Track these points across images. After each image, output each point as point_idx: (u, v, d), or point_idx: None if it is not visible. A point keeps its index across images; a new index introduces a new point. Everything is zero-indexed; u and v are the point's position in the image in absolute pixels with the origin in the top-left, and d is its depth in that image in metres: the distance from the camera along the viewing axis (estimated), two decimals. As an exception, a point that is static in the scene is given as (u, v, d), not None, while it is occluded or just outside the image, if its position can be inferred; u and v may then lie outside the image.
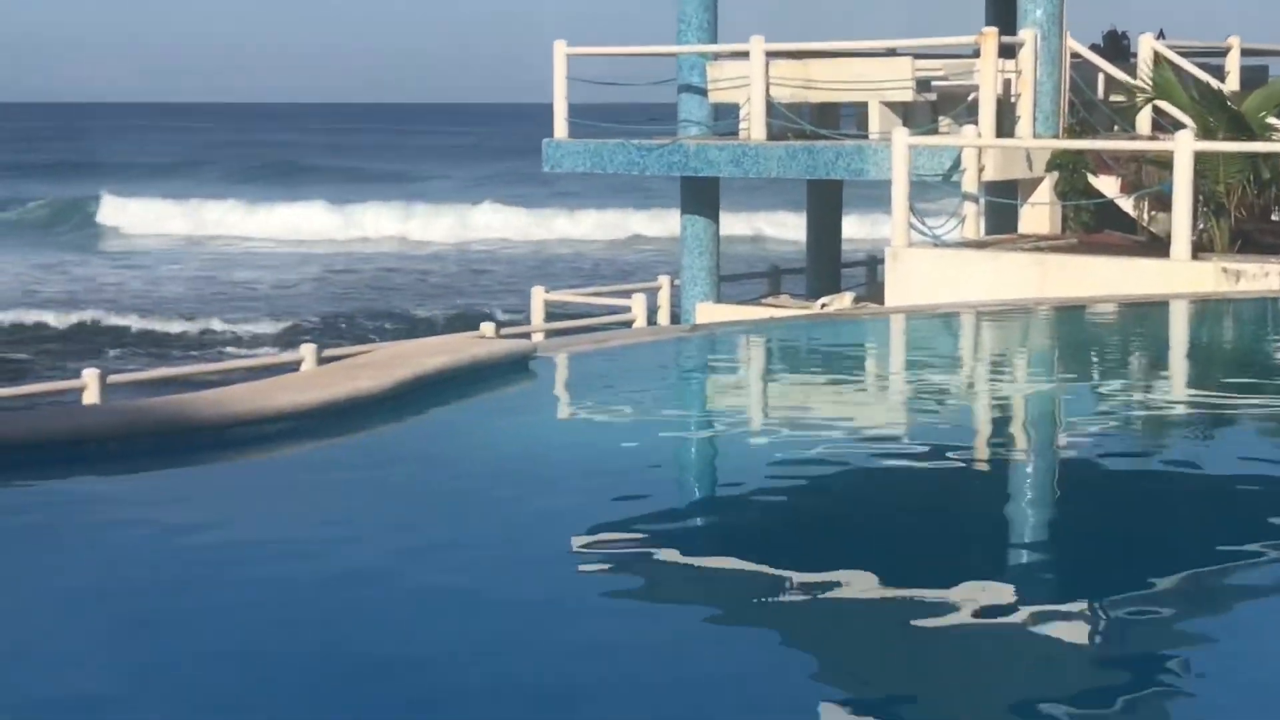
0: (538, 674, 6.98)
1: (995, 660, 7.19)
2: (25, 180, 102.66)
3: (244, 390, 12.19)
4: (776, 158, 22.59)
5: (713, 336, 17.76)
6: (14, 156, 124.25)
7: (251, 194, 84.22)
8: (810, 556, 8.68)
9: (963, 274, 19.83)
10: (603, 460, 11.40)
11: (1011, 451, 12.25)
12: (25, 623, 7.57)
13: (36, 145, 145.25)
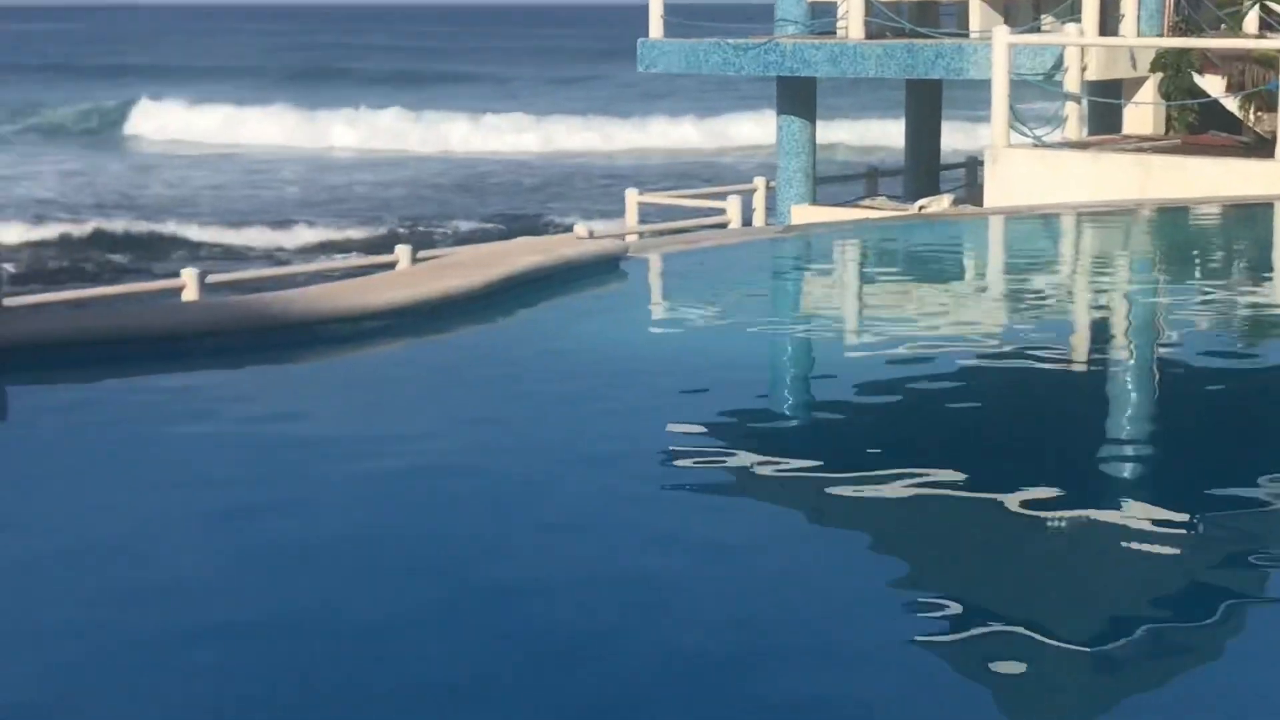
0: (616, 565, 7.13)
1: (1084, 566, 7.21)
2: (71, 83, 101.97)
3: (339, 288, 12.32)
4: (874, 57, 22.44)
5: (808, 238, 17.75)
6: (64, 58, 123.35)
7: (324, 99, 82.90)
8: (899, 459, 8.66)
9: (1064, 175, 19.67)
10: (692, 360, 11.46)
11: (1111, 356, 12.18)
12: (128, 514, 7.72)
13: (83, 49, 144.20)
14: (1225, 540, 7.39)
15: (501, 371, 11.01)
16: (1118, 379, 11.32)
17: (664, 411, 9.78)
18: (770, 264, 15.71)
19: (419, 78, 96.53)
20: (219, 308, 12.37)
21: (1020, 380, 10.93)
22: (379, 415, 9.80)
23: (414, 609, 6.51)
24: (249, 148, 72.43)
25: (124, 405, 9.99)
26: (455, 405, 10.03)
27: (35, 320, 11.34)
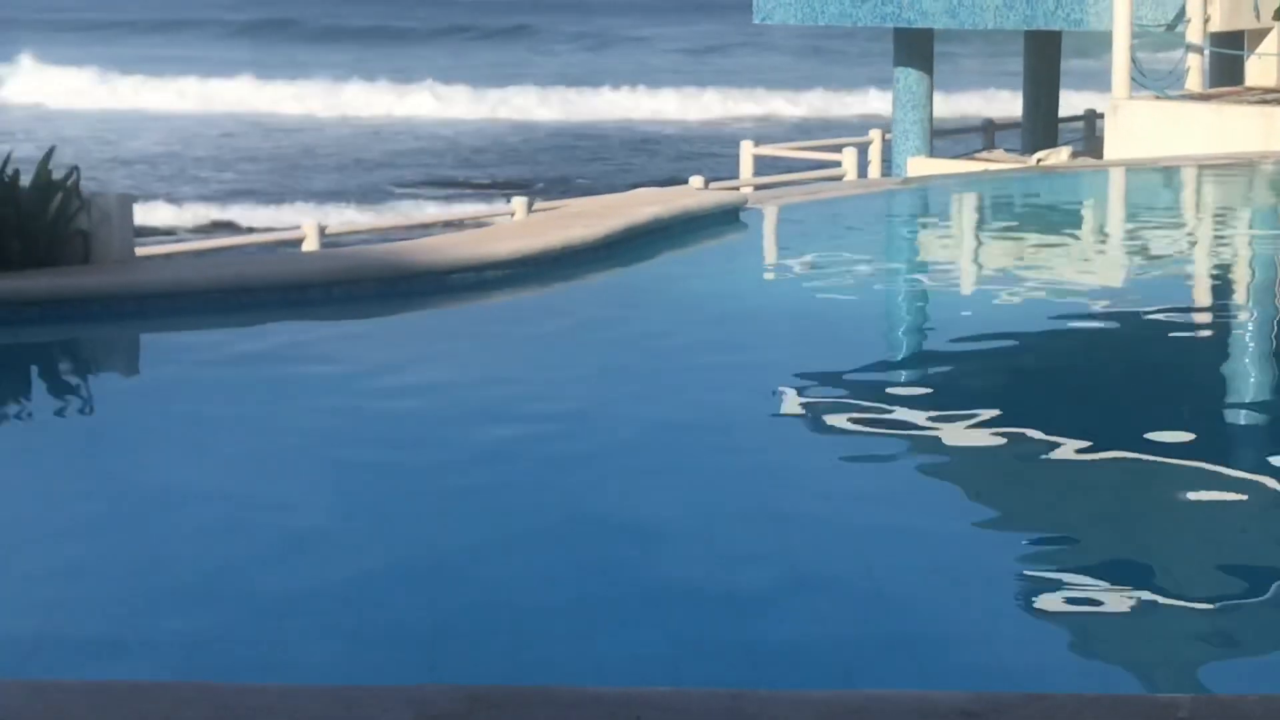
0: (733, 501, 7.29)
1: (1193, 515, 7.23)
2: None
3: (464, 238, 12.46)
4: (993, 7, 22.36)
5: (925, 190, 17.75)
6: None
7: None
8: (1016, 410, 8.72)
9: (1186, 127, 19.50)
10: (810, 309, 11.53)
11: (1233, 309, 12.12)
12: (258, 456, 7.93)
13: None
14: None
15: (621, 321, 11.17)
16: (1240, 334, 11.27)
17: (779, 362, 9.86)
18: (889, 215, 15.73)
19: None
20: (343, 257, 12.54)
21: (1147, 339, 10.90)
22: (501, 371, 9.92)
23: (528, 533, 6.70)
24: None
25: (255, 354, 10.15)
26: (570, 358, 10.18)
27: (166, 269, 11.57)
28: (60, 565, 6.60)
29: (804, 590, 6.27)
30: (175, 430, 8.64)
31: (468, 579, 6.41)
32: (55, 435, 8.86)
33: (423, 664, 5.57)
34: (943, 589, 6.33)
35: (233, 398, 9.25)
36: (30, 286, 10.29)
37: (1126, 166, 18.30)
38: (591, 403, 9.01)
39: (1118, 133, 19.85)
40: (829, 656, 5.62)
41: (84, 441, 8.68)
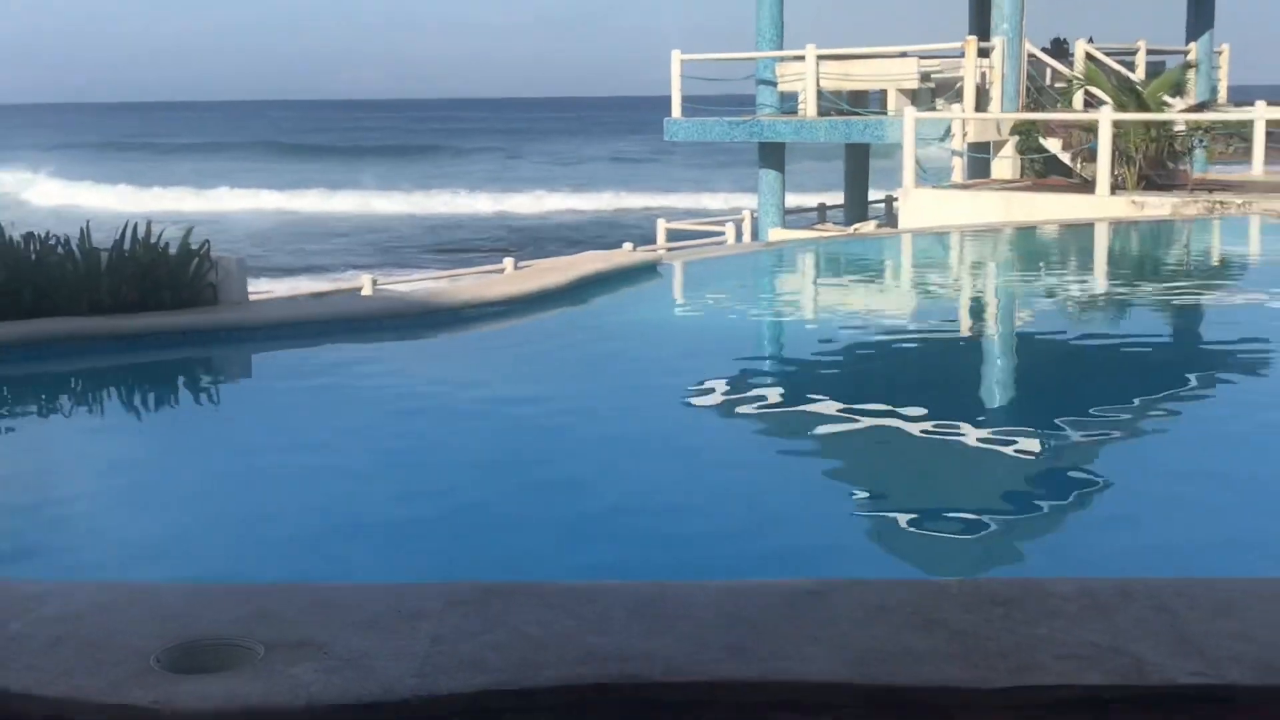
0: (654, 459, 7.31)
1: (971, 467, 7.34)
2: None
3: (470, 284, 12.49)
4: (824, 128, 22.51)
5: (780, 250, 17.87)
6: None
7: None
8: (848, 400, 8.81)
9: (952, 206, 19.72)
10: (706, 333, 11.59)
11: (986, 326, 12.31)
12: (325, 461, 7.77)
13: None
14: (1058, 451, 7.57)
15: (576, 343, 11.18)
16: (987, 346, 11.44)
17: (688, 372, 9.88)
18: (755, 268, 15.84)
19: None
20: (389, 299, 12.56)
21: (921, 345, 11.08)
22: (497, 375, 9.94)
23: (512, 494, 6.76)
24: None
25: (328, 368, 10.13)
26: (546, 367, 10.15)
27: (270, 308, 11.56)
28: (237, 497, 6.67)
29: (703, 517, 6.36)
30: (279, 415, 8.66)
31: (474, 515, 6.42)
32: (200, 418, 8.87)
33: (447, 565, 5.61)
34: (799, 515, 6.43)
35: (317, 393, 9.24)
36: (178, 321, 10.26)
37: (914, 233, 18.47)
38: (559, 394, 9.06)
39: (908, 210, 20.01)
40: (724, 561, 5.67)
41: (220, 421, 8.70)
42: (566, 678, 3.59)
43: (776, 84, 24.13)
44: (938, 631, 3.83)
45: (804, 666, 3.63)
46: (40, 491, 6.97)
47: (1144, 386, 9.10)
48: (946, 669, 3.61)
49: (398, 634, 3.88)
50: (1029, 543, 6.03)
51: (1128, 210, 18.61)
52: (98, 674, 3.67)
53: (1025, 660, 3.66)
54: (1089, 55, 23.39)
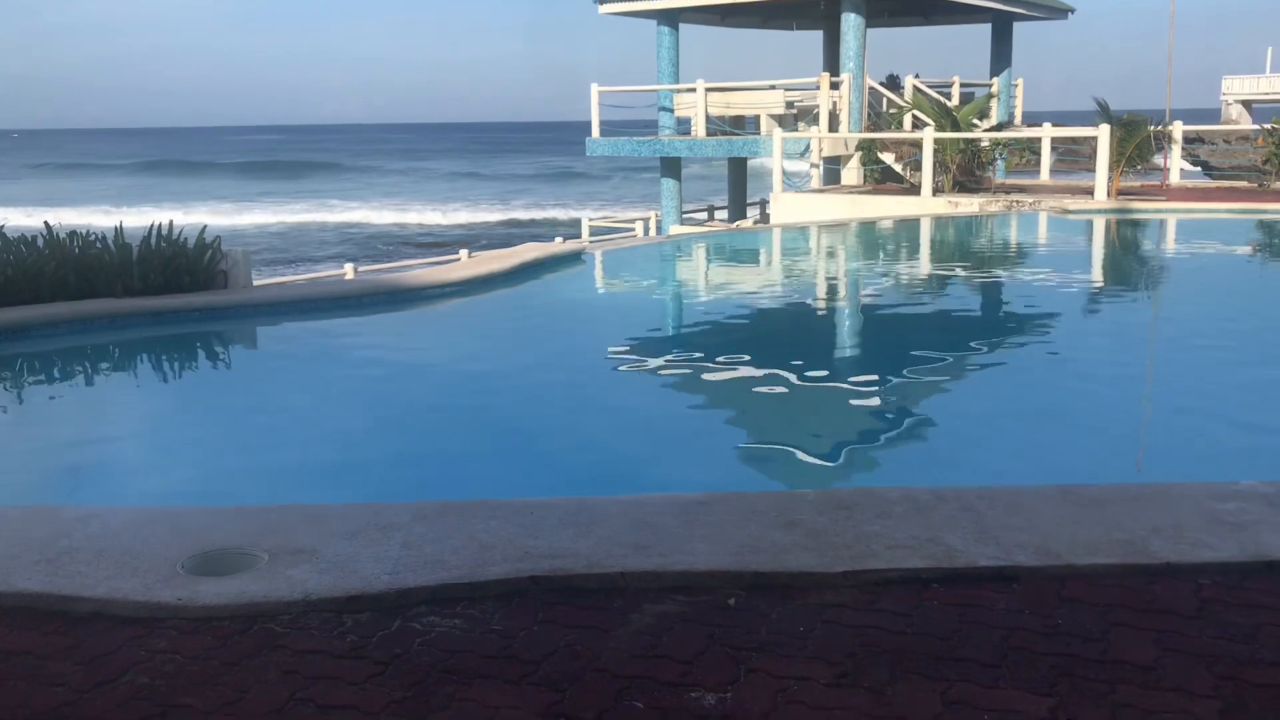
0: (586, 424, 7.26)
1: (824, 406, 7.40)
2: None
3: (433, 270, 12.31)
4: (711, 145, 22.46)
5: (678, 242, 17.83)
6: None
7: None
8: (732, 358, 8.84)
9: (810, 207, 19.81)
10: (621, 307, 11.56)
11: (836, 299, 12.33)
12: (317, 409, 7.68)
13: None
14: (890, 393, 7.67)
15: (518, 315, 11.09)
16: (837, 313, 11.48)
17: (606, 336, 9.87)
18: (660, 255, 15.83)
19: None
20: (367, 281, 12.38)
21: (787, 313, 11.13)
22: (456, 340, 9.89)
23: (477, 438, 6.73)
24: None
25: (319, 336, 9.97)
26: (494, 334, 10.07)
27: (270, 291, 11.34)
28: (254, 439, 6.54)
29: (615, 448, 6.38)
30: (278, 373, 8.52)
31: (436, 448, 6.39)
32: (213, 377, 8.70)
33: (416, 488, 5.54)
34: (691, 445, 6.45)
35: (309, 357, 9.12)
36: (195, 301, 10.02)
37: (782, 227, 18.54)
38: (504, 354, 9.00)
39: (777, 209, 20.06)
40: (630, 481, 5.71)
41: (230, 379, 8.54)
42: (509, 572, 3.60)
43: (674, 110, 24.05)
44: (797, 530, 3.89)
45: (694, 559, 3.67)
46: (85, 436, 6.81)
47: (957, 344, 9.24)
48: (803, 557, 3.67)
49: (375, 541, 3.86)
50: (866, 463, 6.11)
51: (946, 208, 18.84)
52: (133, 578, 3.62)
53: (862, 550, 3.72)
54: (916, 88, 23.58)
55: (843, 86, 22.01)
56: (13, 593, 3.54)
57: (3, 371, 8.49)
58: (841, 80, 22.07)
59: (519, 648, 3.18)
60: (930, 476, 5.63)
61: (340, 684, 3.01)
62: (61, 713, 2.89)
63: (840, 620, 3.31)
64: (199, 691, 2.99)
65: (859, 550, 3.71)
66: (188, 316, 9.83)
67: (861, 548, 3.73)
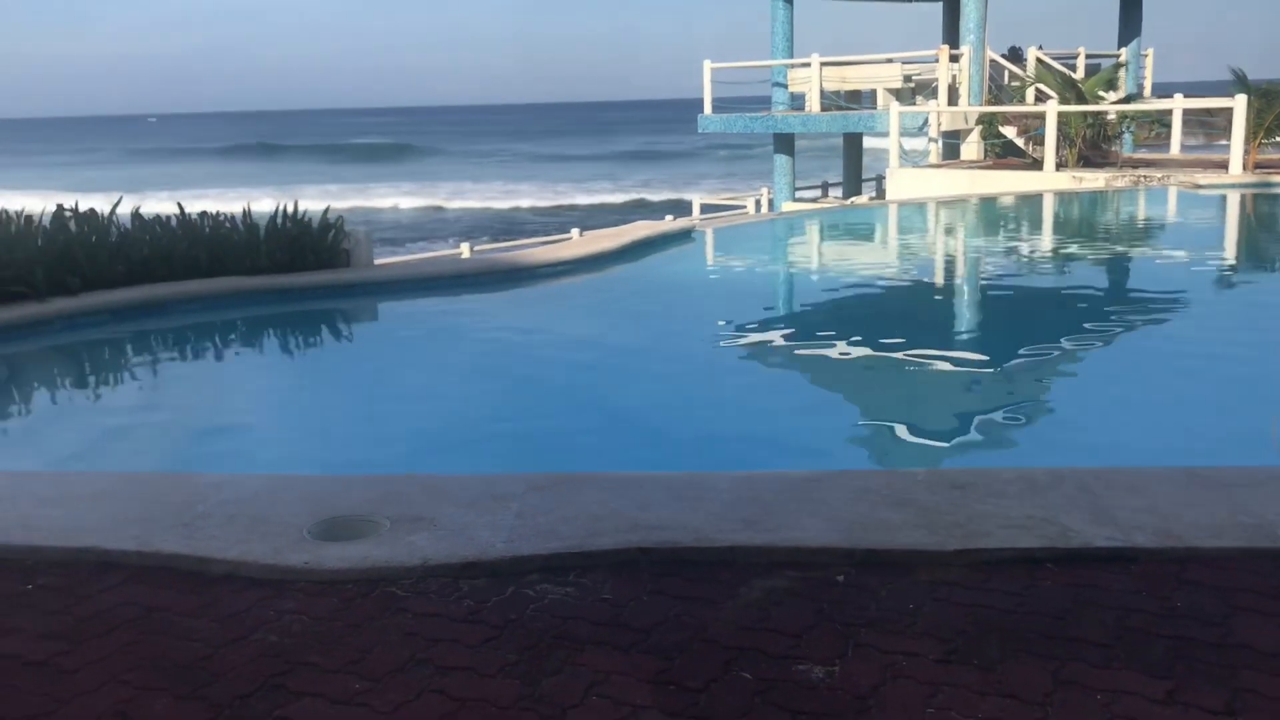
0: (692, 387, 7.26)
1: (940, 385, 7.30)
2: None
3: (546, 249, 12.48)
4: (826, 120, 22.21)
5: (791, 219, 17.70)
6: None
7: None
8: (844, 334, 8.77)
9: (929, 182, 19.44)
10: (732, 284, 11.52)
11: (953, 276, 12.10)
12: (434, 382, 7.87)
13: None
14: (1009, 372, 7.51)
15: (628, 292, 11.13)
16: (954, 290, 11.27)
17: (716, 313, 9.85)
18: (772, 234, 15.73)
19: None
20: (484, 259, 12.59)
21: (902, 290, 10.95)
22: (567, 317, 9.97)
23: (585, 415, 6.81)
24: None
25: (436, 312, 10.17)
26: (605, 311, 10.14)
27: (391, 269, 11.61)
28: (372, 411, 6.74)
29: (725, 424, 6.39)
30: (398, 348, 8.70)
31: (549, 423, 6.48)
32: (337, 351, 8.97)
33: (529, 460, 5.64)
34: (803, 422, 6.43)
35: (427, 332, 9.32)
36: (320, 279, 10.35)
37: (899, 204, 18.25)
38: (616, 333, 9.06)
39: (894, 186, 19.75)
40: (741, 457, 5.71)
41: (352, 353, 8.79)
42: (619, 543, 3.66)
43: (788, 86, 23.82)
44: (908, 508, 3.87)
45: (803, 534, 3.68)
46: (218, 406, 7.11)
47: (1079, 323, 8.99)
48: (914, 535, 3.65)
49: (491, 511, 3.97)
50: (982, 441, 6.02)
51: (1069, 184, 18.29)
52: (263, 542, 3.79)
53: (975, 529, 3.69)
54: (1039, 59, 22.89)
55: (962, 59, 21.53)
56: (153, 553, 3.74)
57: (141, 345, 8.90)
58: (961, 53, 21.59)
59: (629, 616, 3.24)
60: (1047, 457, 5.51)
61: (457, 646, 3.12)
62: (198, 666, 3.06)
63: (951, 598, 3.29)
64: (325, 650, 3.12)
65: (971, 529, 3.67)
66: (312, 293, 10.15)
67: (974, 527, 3.69)
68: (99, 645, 3.18)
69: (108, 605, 3.43)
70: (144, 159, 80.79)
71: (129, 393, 7.63)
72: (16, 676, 3.03)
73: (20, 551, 3.81)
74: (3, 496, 4.32)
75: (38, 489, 4.40)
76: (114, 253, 9.83)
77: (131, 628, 3.28)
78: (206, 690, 2.93)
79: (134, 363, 8.56)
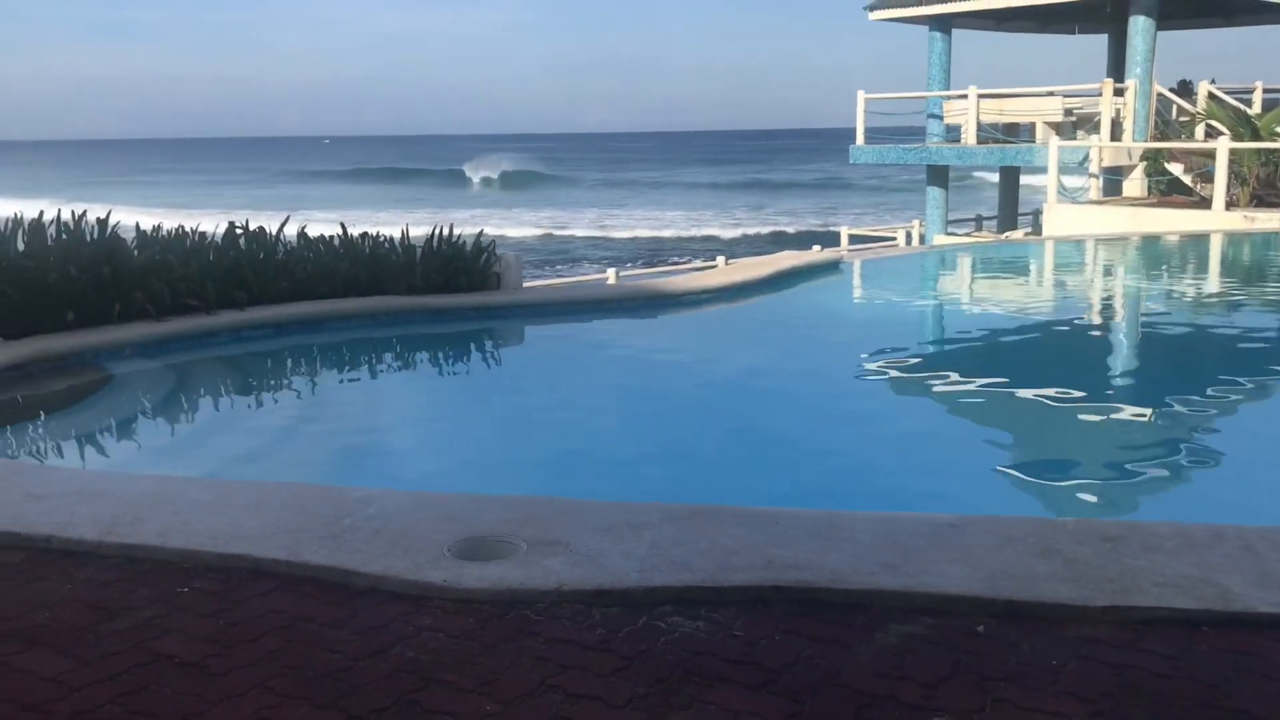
0: (836, 434, 7.14)
1: (1091, 430, 7.02)
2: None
3: (690, 276, 12.51)
4: (982, 154, 21.75)
5: (943, 252, 17.36)
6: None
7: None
8: (994, 375, 8.55)
9: (1088, 219, 18.81)
10: (879, 317, 11.36)
11: (1114, 316, 11.67)
12: (575, 406, 7.96)
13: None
14: (1166, 419, 7.20)
15: (773, 323, 11.09)
16: (1112, 332, 10.87)
17: (861, 346, 9.73)
18: (922, 267, 15.45)
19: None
20: (629, 286, 12.71)
21: (1056, 330, 10.63)
22: (710, 346, 9.97)
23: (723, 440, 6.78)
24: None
25: (581, 337, 10.30)
26: (749, 341, 10.11)
27: (540, 292, 11.84)
28: (528, 431, 6.86)
29: (866, 461, 6.27)
30: (545, 370, 8.88)
31: (688, 451, 6.48)
32: (487, 371, 9.17)
33: (664, 488, 5.68)
34: (946, 463, 6.28)
35: (571, 356, 9.45)
36: (472, 300, 10.59)
37: (1055, 240, 17.71)
38: (759, 364, 9.01)
39: (1051, 221, 19.18)
40: (881, 496, 5.61)
41: (501, 374, 8.98)
42: (752, 579, 3.62)
43: (943, 117, 23.41)
44: (1055, 559, 3.72)
45: (943, 581, 3.58)
46: (370, 422, 7.34)
47: (1245, 371, 8.55)
48: (1060, 588, 3.51)
49: (625, 539, 3.98)
50: (1136, 492, 5.75)
51: (1240, 224, 17.42)
52: (405, 558, 3.87)
53: (1126, 585, 3.52)
54: (1211, 94, 21.94)
55: (1127, 93, 20.81)
56: (301, 563, 3.86)
57: (299, 359, 9.26)
58: (1126, 86, 20.86)
59: (760, 655, 3.20)
60: (1205, 513, 5.22)
61: (588, 674, 3.12)
62: (338, 677, 3.14)
63: (1098, 657, 3.15)
64: (459, 669, 3.17)
65: (1122, 585, 3.51)
66: (463, 314, 10.40)
67: (1125, 582, 3.53)
68: (247, 651, 3.30)
69: (257, 612, 3.56)
70: (308, 180, 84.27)
71: (286, 404, 7.94)
72: (170, 676, 3.16)
73: (179, 554, 4.00)
74: (166, 499, 4.53)
75: (198, 495, 4.61)
76: (279, 269, 10.27)
77: (278, 635, 3.39)
78: (345, 702, 3.01)
79: (292, 376, 8.91)
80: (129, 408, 7.61)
